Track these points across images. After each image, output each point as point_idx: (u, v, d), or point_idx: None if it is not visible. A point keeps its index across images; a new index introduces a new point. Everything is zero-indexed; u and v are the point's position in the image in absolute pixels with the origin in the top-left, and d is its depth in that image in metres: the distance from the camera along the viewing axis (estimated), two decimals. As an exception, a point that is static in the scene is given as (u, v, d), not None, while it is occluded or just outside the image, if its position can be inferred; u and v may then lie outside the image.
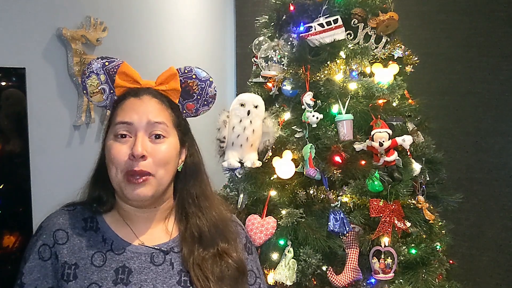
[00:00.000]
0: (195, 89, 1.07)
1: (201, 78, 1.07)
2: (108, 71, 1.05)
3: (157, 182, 0.98)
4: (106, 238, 1.01)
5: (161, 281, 0.98)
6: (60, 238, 0.98)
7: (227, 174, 1.96)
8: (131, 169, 0.95)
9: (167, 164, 0.99)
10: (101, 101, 1.07)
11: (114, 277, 0.96)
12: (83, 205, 1.05)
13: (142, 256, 1.00)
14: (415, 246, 1.79)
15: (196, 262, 1.01)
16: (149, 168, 0.96)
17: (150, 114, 0.98)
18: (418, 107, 1.99)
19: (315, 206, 1.79)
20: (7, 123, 1.38)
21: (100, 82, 1.05)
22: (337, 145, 1.75)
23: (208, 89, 1.08)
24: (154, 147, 0.98)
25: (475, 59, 3.06)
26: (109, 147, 0.98)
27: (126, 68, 1.04)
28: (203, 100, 1.08)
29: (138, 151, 0.94)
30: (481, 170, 3.09)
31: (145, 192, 0.97)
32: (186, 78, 1.06)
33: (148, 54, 2.31)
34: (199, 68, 1.08)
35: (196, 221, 1.06)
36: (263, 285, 1.14)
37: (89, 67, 1.05)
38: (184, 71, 1.07)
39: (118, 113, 1.00)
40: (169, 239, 1.05)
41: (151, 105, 1.00)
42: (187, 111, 1.09)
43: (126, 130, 0.97)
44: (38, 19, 1.52)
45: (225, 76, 3.47)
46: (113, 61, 1.06)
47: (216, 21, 3.32)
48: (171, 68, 1.05)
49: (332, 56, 1.87)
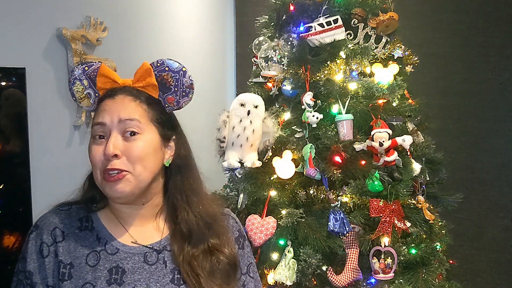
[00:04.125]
0: (170, 81, 1.05)
1: (173, 70, 1.05)
2: (89, 76, 1.06)
3: (135, 178, 0.97)
4: (101, 237, 1.01)
5: (155, 280, 0.99)
6: (57, 236, 0.99)
7: (227, 174, 1.96)
8: (106, 168, 0.96)
9: (143, 161, 0.98)
10: (89, 105, 1.08)
11: (108, 277, 0.96)
12: (77, 205, 1.06)
13: (135, 256, 1.00)
14: (415, 246, 1.79)
15: (186, 259, 1.01)
16: (123, 166, 0.96)
17: (121, 113, 0.98)
18: (418, 107, 1.99)
19: (315, 206, 1.79)
20: (7, 123, 1.38)
21: (85, 88, 1.07)
22: (337, 145, 1.75)
23: (183, 80, 1.06)
24: (128, 145, 0.98)
25: (475, 59, 3.06)
26: (89, 149, 1.00)
27: (104, 70, 1.04)
28: (181, 91, 1.07)
29: (109, 151, 0.95)
30: (481, 170, 3.09)
31: (122, 188, 0.96)
32: (160, 72, 1.05)
33: (148, 54, 2.31)
34: (170, 59, 1.07)
35: (185, 216, 1.05)
36: (251, 284, 1.12)
37: (72, 74, 1.06)
38: (157, 65, 1.05)
39: (95, 115, 1.02)
40: (162, 238, 1.05)
41: (124, 103, 1.00)
42: (169, 104, 1.08)
43: (101, 131, 0.98)
44: (38, 19, 1.52)
45: (225, 76, 3.47)
46: (92, 65, 1.06)
47: (216, 21, 3.32)
48: (145, 64, 1.05)
49: (332, 56, 1.87)
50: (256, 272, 1.16)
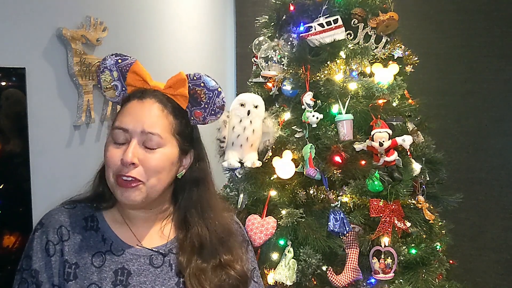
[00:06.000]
0: (202, 97, 1.04)
1: (209, 87, 1.04)
2: (120, 69, 1.05)
3: (148, 189, 0.97)
4: (106, 238, 1.00)
5: (160, 283, 0.98)
6: (63, 234, 0.98)
7: (227, 174, 1.96)
8: (121, 173, 0.95)
9: (159, 174, 0.98)
10: (113, 97, 1.07)
11: (113, 279, 0.96)
12: (83, 203, 1.05)
13: (141, 258, 1.00)
14: (415, 246, 1.79)
15: (194, 272, 0.99)
16: (139, 176, 0.95)
17: (146, 124, 0.97)
18: (418, 107, 1.99)
19: (315, 206, 1.79)
20: (7, 123, 1.38)
21: (113, 79, 1.05)
22: (337, 145, 1.75)
23: (216, 99, 1.05)
24: (146, 155, 0.97)
25: (475, 59, 3.06)
26: (106, 149, 0.99)
27: (137, 68, 1.04)
28: (210, 109, 1.06)
29: (128, 159, 0.94)
30: (481, 170, 3.09)
31: (133, 197, 0.96)
32: (194, 85, 1.04)
33: (148, 54, 2.31)
34: (208, 76, 1.05)
35: (198, 231, 1.04)
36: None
37: (103, 63, 1.05)
38: (193, 78, 1.04)
39: (119, 116, 1.00)
40: (167, 241, 1.05)
41: (151, 111, 0.99)
42: (195, 118, 1.07)
43: (122, 135, 0.97)
44: (38, 19, 1.52)
45: (225, 76, 3.47)
46: (126, 59, 1.05)
47: (216, 21, 3.32)
48: (181, 73, 1.04)
49: (332, 56, 1.87)
50: (259, 277, 1.16)
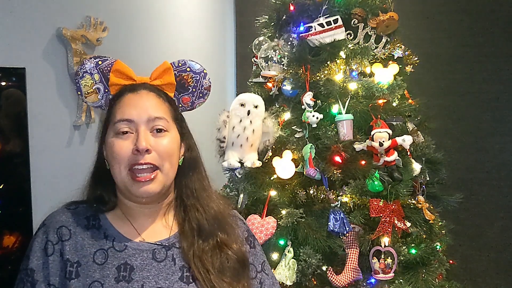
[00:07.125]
0: (189, 82, 1.08)
1: (195, 71, 1.08)
2: (101, 70, 1.05)
3: (164, 176, 0.99)
4: (108, 235, 1.00)
5: (163, 277, 0.98)
6: (64, 234, 0.98)
7: (227, 174, 1.96)
8: (136, 162, 0.95)
9: (171, 157, 1.00)
10: (96, 101, 1.07)
11: (116, 275, 0.96)
12: (85, 204, 1.05)
13: (144, 253, 0.99)
14: (415, 246, 1.79)
15: (197, 254, 1.00)
16: (154, 161, 0.97)
17: (150, 109, 0.99)
18: (418, 107, 1.99)
19: (315, 206, 1.79)
20: (7, 123, 1.38)
21: (95, 82, 1.05)
22: (337, 145, 1.75)
23: (202, 81, 1.08)
24: (157, 140, 0.98)
25: (475, 59, 3.06)
26: (111, 145, 0.98)
27: (120, 66, 1.05)
28: (198, 92, 1.09)
29: (142, 145, 0.95)
30: (481, 170, 3.09)
31: (153, 189, 0.98)
32: (180, 72, 1.07)
33: (148, 54, 2.31)
34: (192, 60, 1.09)
35: (195, 213, 1.06)
36: (268, 280, 1.11)
37: (82, 67, 1.05)
38: (178, 65, 1.07)
39: (117, 110, 1.00)
40: (170, 235, 1.04)
41: (150, 100, 1.01)
42: (183, 104, 1.10)
43: (127, 126, 0.98)
44: (38, 19, 1.52)
45: (225, 76, 3.47)
46: (106, 59, 1.06)
47: (216, 21, 3.32)
48: (165, 63, 1.06)
49: (332, 56, 1.87)
50: (270, 269, 1.16)
